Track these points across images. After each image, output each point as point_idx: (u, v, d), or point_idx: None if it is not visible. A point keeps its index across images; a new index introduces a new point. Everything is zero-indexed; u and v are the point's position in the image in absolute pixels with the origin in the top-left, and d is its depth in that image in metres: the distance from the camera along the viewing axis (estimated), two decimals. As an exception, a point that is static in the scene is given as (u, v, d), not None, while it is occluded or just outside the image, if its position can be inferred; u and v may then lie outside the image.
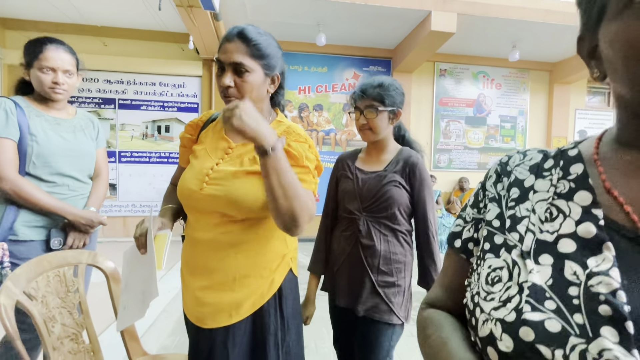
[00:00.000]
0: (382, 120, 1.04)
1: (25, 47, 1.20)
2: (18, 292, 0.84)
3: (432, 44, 3.98)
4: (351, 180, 1.12)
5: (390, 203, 1.03)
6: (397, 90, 1.06)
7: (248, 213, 0.81)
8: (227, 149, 0.87)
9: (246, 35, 0.79)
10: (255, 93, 0.83)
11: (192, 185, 0.82)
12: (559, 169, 0.40)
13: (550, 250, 0.35)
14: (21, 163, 1.15)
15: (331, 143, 4.79)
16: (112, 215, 4.47)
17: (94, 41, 4.28)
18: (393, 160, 1.08)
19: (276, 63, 0.85)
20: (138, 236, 0.79)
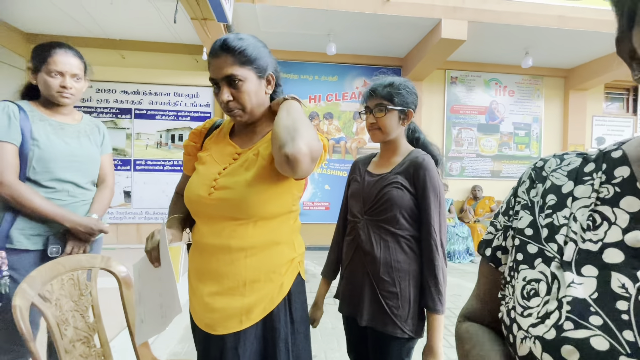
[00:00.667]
0: (391, 120, 1.01)
1: (34, 52, 1.19)
2: (33, 294, 0.86)
3: (442, 52, 3.98)
4: (359, 183, 1.10)
5: (390, 205, 0.99)
6: (409, 89, 1.02)
7: (257, 215, 0.82)
8: (234, 154, 0.88)
9: (229, 45, 0.78)
10: (255, 99, 0.83)
11: (200, 191, 0.82)
12: (601, 172, 0.37)
13: (594, 261, 0.33)
14: (22, 168, 1.13)
15: (341, 151, 4.79)
16: (126, 222, 4.56)
17: (113, 54, 4.44)
18: (401, 162, 1.04)
19: (266, 63, 0.84)
20: (150, 249, 0.79)
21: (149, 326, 0.80)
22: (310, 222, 4.66)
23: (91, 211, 1.27)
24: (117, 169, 4.52)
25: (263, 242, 0.83)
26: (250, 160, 0.84)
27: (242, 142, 0.91)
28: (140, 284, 0.84)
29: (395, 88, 1.00)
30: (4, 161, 1.07)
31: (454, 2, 3.63)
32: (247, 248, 0.82)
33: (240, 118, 0.85)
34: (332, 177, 4.76)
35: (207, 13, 3.02)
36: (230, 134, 0.95)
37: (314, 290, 1.15)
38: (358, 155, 4.76)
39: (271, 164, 0.81)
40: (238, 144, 0.91)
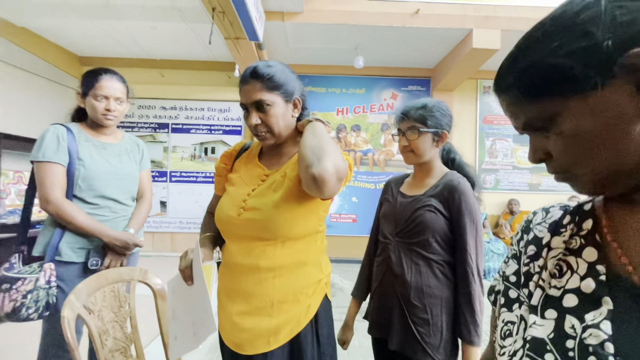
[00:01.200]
0: (424, 142, 1.00)
1: (83, 77, 1.28)
2: (79, 306, 0.92)
3: (474, 62, 3.87)
4: (391, 204, 1.09)
5: (423, 229, 0.96)
6: (442, 111, 1.01)
7: (284, 236, 0.83)
8: (262, 175, 0.91)
9: (258, 72, 0.83)
10: (282, 123, 0.86)
11: (230, 212, 0.86)
12: (573, 224, 0.41)
13: (555, 305, 0.37)
14: (69, 186, 1.20)
15: (369, 163, 4.76)
16: (161, 230, 4.78)
17: (154, 73, 4.75)
18: (435, 184, 1.01)
19: (293, 88, 0.88)
20: (183, 268, 0.83)
21: (182, 343, 0.82)
22: (337, 235, 4.64)
23: (129, 225, 1.33)
24: (155, 180, 4.78)
25: (291, 262, 0.85)
26: (277, 182, 0.86)
27: (270, 164, 0.94)
28: (174, 301, 0.88)
29: (428, 110, 0.99)
30: (53, 180, 1.16)
31: (485, 11, 3.55)
32: (275, 268, 0.83)
33: (268, 141, 0.88)
34: (359, 190, 4.73)
35: (239, 33, 3.17)
36: (258, 155, 0.98)
37: (340, 304, 1.14)
38: (386, 167, 4.72)
39: (298, 185, 0.83)
40: (266, 165, 0.94)
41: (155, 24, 3.59)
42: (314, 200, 0.86)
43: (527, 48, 0.36)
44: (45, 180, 1.15)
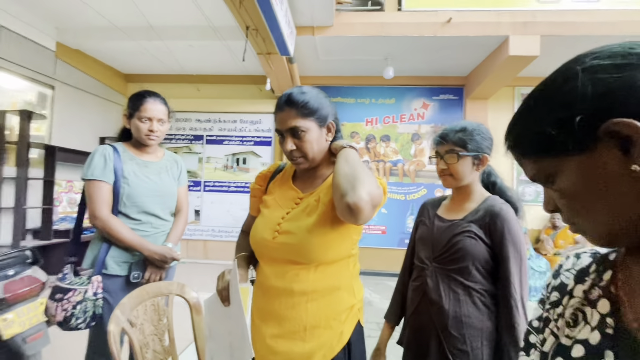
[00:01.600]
0: (464, 166, 0.97)
1: (129, 100, 1.37)
2: (124, 320, 0.97)
3: (511, 69, 3.71)
4: (428, 227, 1.06)
5: (462, 255, 0.92)
6: (483, 135, 0.97)
7: (318, 260, 0.84)
8: (296, 198, 0.92)
9: (292, 99, 0.85)
10: (316, 147, 0.88)
11: (265, 234, 0.87)
12: (596, 274, 0.41)
13: (565, 355, 0.38)
14: (115, 202, 1.28)
15: (399, 174, 4.67)
16: (195, 238, 4.96)
17: (190, 87, 5.01)
18: (475, 209, 0.97)
19: (327, 112, 0.89)
20: (221, 289, 0.85)
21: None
22: (366, 247, 4.57)
23: (167, 240, 1.40)
24: (190, 189, 4.98)
25: (324, 287, 0.85)
26: (311, 206, 0.87)
27: (304, 186, 0.95)
28: (210, 320, 0.90)
29: (468, 133, 0.96)
30: (100, 198, 1.25)
31: (523, 17, 3.40)
32: (308, 292, 0.84)
33: (302, 165, 0.89)
34: (389, 201, 4.64)
35: (271, 48, 3.27)
36: (292, 177, 1.00)
37: (370, 319, 1.12)
38: (417, 177, 4.61)
39: (332, 210, 0.83)
40: (300, 187, 0.95)
41: (192, 42, 3.79)
42: (347, 225, 0.85)
43: (521, 114, 0.40)
44: (94, 197, 1.23)
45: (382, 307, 3.30)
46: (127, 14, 3.38)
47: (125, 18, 3.47)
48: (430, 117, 4.66)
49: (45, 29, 3.67)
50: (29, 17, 3.47)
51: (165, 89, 5.08)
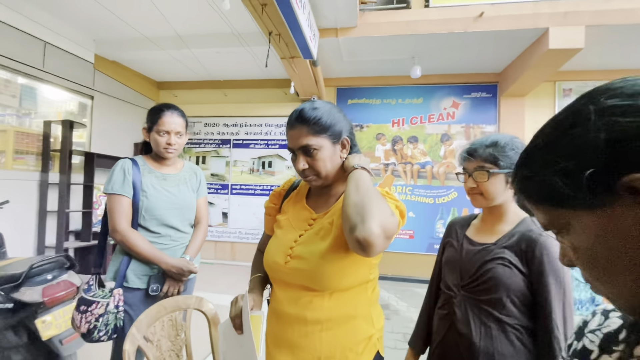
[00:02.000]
0: (495, 185, 0.87)
1: (148, 114, 1.38)
2: (140, 338, 0.97)
3: (551, 64, 3.43)
4: (455, 250, 0.96)
5: (494, 285, 0.83)
6: (517, 149, 0.87)
7: (332, 288, 0.79)
8: (310, 219, 0.87)
9: (304, 116, 0.80)
10: (330, 165, 0.83)
11: (278, 259, 0.83)
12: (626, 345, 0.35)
13: None
14: (135, 216, 1.30)
15: (427, 176, 4.49)
16: (223, 240, 5.09)
17: (217, 93, 5.13)
18: (509, 232, 0.87)
19: (341, 128, 0.84)
20: (233, 317, 0.82)
21: None
22: (393, 251, 4.44)
23: (185, 252, 1.40)
24: (217, 192, 5.12)
25: (339, 315, 0.80)
26: (325, 229, 0.82)
27: (318, 205, 0.90)
28: (225, 346, 0.88)
29: (499, 149, 0.86)
30: (120, 211, 1.27)
31: (564, 6, 3.13)
32: (322, 321, 0.79)
33: (315, 183, 0.85)
34: (417, 204, 4.48)
35: (294, 52, 3.25)
36: (307, 195, 0.95)
37: (395, 329, 1.04)
38: (446, 180, 4.41)
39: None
40: (313, 206, 0.91)
41: (219, 49, 3.86)
42: None
43: (528, 154, 0.34)
44: (113, 211, 1.26)
45: (408, 316, 3.18)
46: (156, 25, 3.51)
47: (155, 29, 3.61)
48: (461, 117, 4.44)
49: (84, 43, 3.91)
50: (70, 32, 3.70)
51: (194, 95, 5.26)
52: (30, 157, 3.50)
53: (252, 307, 0.84)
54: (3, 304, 1.78)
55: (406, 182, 4.54)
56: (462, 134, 4.43)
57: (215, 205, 5.11)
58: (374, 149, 4.63)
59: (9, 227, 3.15)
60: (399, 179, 4.56)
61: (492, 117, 4.37)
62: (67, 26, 3.67)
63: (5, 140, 3.30)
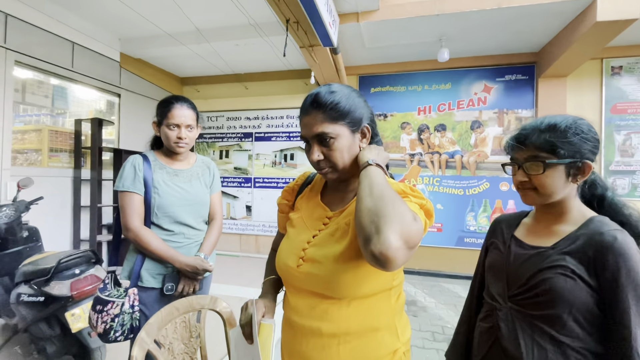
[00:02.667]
0: (553, 178, 0.71)
1: (157, 108, 1.33)
2: (149, 342, 0.94)
3: (598, 39, 3.08)
4: (501, 253, 0.82)
5: (552, 299, 0.68)
6: (584, 134, 0.70)
7: (350, 296, 0.69)
8: (325, 218, 0.78)
9: (319, 101, 0.70)
10: (347, 156, 0.73)
11: (289, 261, 0.75)
12: None
13: None
14: (147, 213, 1.26)
15: (456, 166, 4.25)
16: (247, 233, 5.13)
17: (238, 86, 5.12)
18: (572, 234, 0.71)
19: (361, 115, 0.74)
20: (243, 324, 0.75)
21: None
22: (421, 245, 4.26)
23: (200, 250, 1.36)
24: (241, 186, 5.15)
25: (359, 327, 0.70)
26: (341, 230, 0.73)
27: (334, 202, 0.81)
28: (236, 354, 0.82)
29: (559, 133, 0.71)
30: (132, 209, 1.23)
31: (616, -28, 2.77)
32: (339, 334, 0.70)
33: (331, 176, 0.75)
34: (445, 196, 4.27)
35: (313, 40, 3.13)
36: (322, 190, 0.86)
37: (423, 328, 0.94)
38: (477, 170, 4.15)
39: None
40: (329, 203, 0.81)
41: (238, 42, 3.82)
42: None
43: None
44: (126, 208, 1.23)
45: (437, 313, 3.04)
46: (177, 21, 3.51)
47: (176, 25, 3.62)
48: (494, 102, 4.13)
49: (110, 42, 4.00)
50: (96, 32, 3.80)
51: (216, 89, 5.28)
52: (63, 154, 3.66)
53: (264, 314, 0.77)
54: (35, 297, 1.85)
55: (434, 172, 4.32)
56: (495, 120, 4.13)
57: (239, 198, 5.15)
58: (398, 138, 4.44)
59: (46, 222, 3.32)
60: (425, 169, 4.36)
61: (529, 101, 4.03)
62: (94, 26, 3.76)
63: (41, 139, 3.46)
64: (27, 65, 3.23)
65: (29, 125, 3.45)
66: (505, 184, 4.07)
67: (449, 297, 3.49)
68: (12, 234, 2.26)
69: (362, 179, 0.65)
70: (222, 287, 3.48)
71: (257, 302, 0.78)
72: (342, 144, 0.71)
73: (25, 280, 1.91)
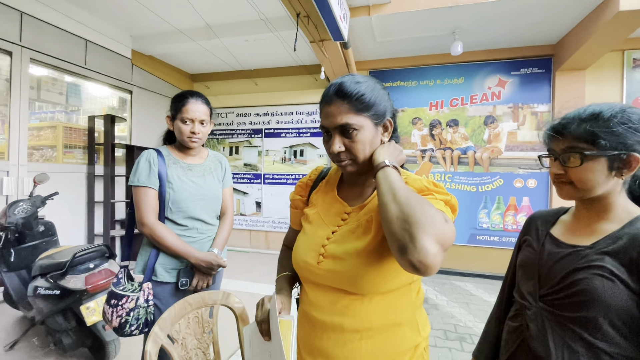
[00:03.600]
0: (594, 171, 0.66)
1: (172, 102, 1.33)
2: (163, 337, 0.93)
3: (620, 30, 2.96)
4: (534, 251, 0.78)
5: (586, 301, 0.64)
6: (631, 124, 0.64)
7: (374, 291, 0.68)
8: (343, 213, 0.76)
9: (345, 90, 0.67)
10: (369, 149, 0.70)
11: (309, 258, 0.73)
12: None
13: None
14: (161, 208, 1.26)
15: (469, 162, 4.17)
16: (257, 229, 5.15)
17: (248, 82, 5.12)
18: (614, 233, 0.67)
19: (385, 107, 0.72)
20: (260, 320, 0.74)
21: None
22: (431, 242, 4.21)
23: (212, 246, 1.36)
24: (251, 182, 5.17)
25: (381, 322, 0.69)
26: (363, 226, 0.71)
27: (351, 197, 0.79)
28: (250, 353, 0.80)
29: (602, 123, 0.65)
30: (147, 204, 1.23)
31: (641, -42, 2.65)
32: (362, 330, 0.69)
33: (350, 168, 0.73)
34: (457, 193, 4.19)
35: (324, 34, 3.09)
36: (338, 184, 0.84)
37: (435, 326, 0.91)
38: (491, 166, 4.06)
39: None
40: (347, 198, 0.79)
41: (248, 37, 3.80)
42: None
43: None
44: (140, 203, 1.23)
45: (449, 311, 3.00)
46: (187, 17, 3.52)
47: (186, 21, 3.62)
48: (509, 96, 4.03)
49: (122, 39, 4.04)
50: (108, 29, 3.83)
51: (226, 85, 5.29)
52: (77, 150, 3.72)
53: (281, 310, 0.76)
54: (51, 291, 1.88)
55: (445, 169, 4.25)
56: (510, 115, 4.03)
57: (249, 194, 5.17)
58: (410, 134, 4.38)
59: (61, 217, 3.39)
60: (437, 165, 4.29)
61: (546, 95, 3.92)
62: (106, 24, 3.79)
63: (56, 135, 3.53)
64: (42, 63, 3.28)
65: (44, 122, 3.52)
66: (520, 181, 3.98)
67: (461, 295, 3.44)
68: (28, 228, 2.31)
69: (381, 182, 0.63)
70: (232, 282, 3.51)
71: (275, 299, 0.76)
72: (365, 136, 0.69)
73: (42, 274, 1.95)
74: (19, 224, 2.24)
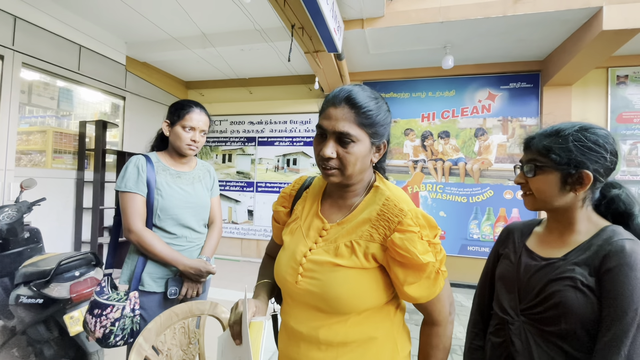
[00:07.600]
0: (545, 183, 0.70)
1: (173, 107, 1.34)
2: (147, 348, 0.92)
3: (604, 48, 3.07)
4: (511, 264, 0.80)
5: (563, 314, 0.65)
6: (584, 142, 0.66)
7: (350, 313, 0.68)
8: (322, 230, 0.75)
9: (356, 100, 0.67)
10: (359, 165, 0.70)
11: (288, 276, 0.73)
12: None
13: None
14: (149, 215, 1.24)
15: (460, 174, 4.22)
16: (249, 237, 5.11)
17: (243, 91, 5.14)
18: (583, 244, 0.69)
19: (385, 130, 0.72)
20: (232, 323, 0.72)
21: None
22: (422, 252, 4.22)
23: (201, 253, 1.35)
24: (243, 190, 5.14)
25: (357, 340, 0.69)
26: (338, 239, 0.71)
27: (330, 212, 0.78)
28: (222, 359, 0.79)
29: (560, 139, 0.68)
30: (134, 211, 1.21)
31: (622, -19, 2.77)
32: (337, 346, 0.69)
33: (334, 178, 0.72)
34: (448, 203, 4.23)
35: (318, 46, 3.14)
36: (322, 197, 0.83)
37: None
38: (481, 178, 4.12)
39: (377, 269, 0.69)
40: (326, 212, 0.79)
41: (243, 46, 3.84)
42: (393, 270, 0.67)
43: None
44: (127, 210, 1.21)
45: (440, 323, 2.98)
46: (183, 25, 3.54)
47: (181, 29, 3.64)
48: (498, 109, 4.12)
49: (116, 45, 4.03)
50: (103, 35, 3.83)
51: (220, 93, 5.31)
52: (67, 156, 3.67)
53: (254, 313, 0.75)
54: (34, 299, 1.83)
55: (437, 179, 4.30)
56: (499, 128, 4.11)
57: (241, 202, 5.14)
58: (402, 145, 4.43)
59: (48, 223, 3.32)
60: (428, 176, 4.33)
61: (534, 109, 4.02)
62: (101, 30, 3.79)
63: (45, 140, 3.48)
64: (34, 67, 3.26)
65: (34, 126, 3.47)
66: (510, 192, 4.04)
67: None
68: (13, 234, 2.25)
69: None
70: (222, 291, 3.45)
71: (248, 302, 0.75)
72: (359, 150, 0.68)
73: (25, 282, 1.90)
74: (3, 230, 2.18)
